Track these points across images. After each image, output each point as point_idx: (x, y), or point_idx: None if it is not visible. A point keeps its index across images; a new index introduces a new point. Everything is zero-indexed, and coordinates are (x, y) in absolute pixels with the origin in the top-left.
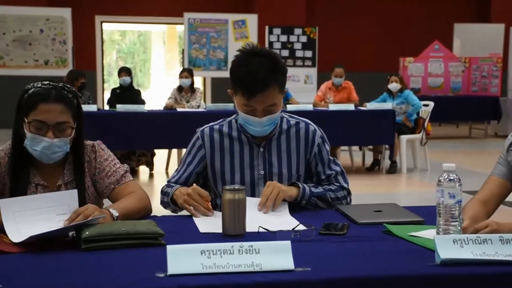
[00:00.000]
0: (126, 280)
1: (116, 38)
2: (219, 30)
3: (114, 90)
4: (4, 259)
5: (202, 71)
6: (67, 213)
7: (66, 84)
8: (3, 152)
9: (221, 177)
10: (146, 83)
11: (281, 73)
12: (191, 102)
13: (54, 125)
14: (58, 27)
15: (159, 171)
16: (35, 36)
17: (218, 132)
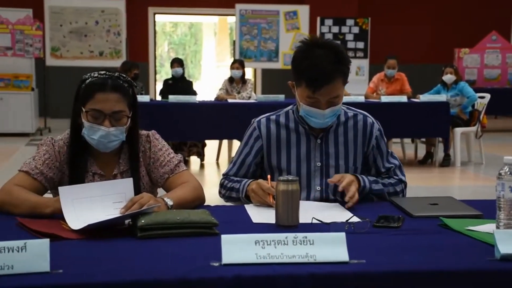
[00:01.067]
0: (181, 268)
1: (168, 29)
2: (270, 21)
3: (167, 81)
4: (64, 245)
5: (253, 62)
6: (123, 201)
7: (121, 74)
8: (62, 142)
9: (277, 168)
10: (197, 74)
11: (345, 65)
12: (242, 93)
13: (110, 114)
14: (113, 18)
15: (210, 162)
16: (91, 28)
17: (275, 122)
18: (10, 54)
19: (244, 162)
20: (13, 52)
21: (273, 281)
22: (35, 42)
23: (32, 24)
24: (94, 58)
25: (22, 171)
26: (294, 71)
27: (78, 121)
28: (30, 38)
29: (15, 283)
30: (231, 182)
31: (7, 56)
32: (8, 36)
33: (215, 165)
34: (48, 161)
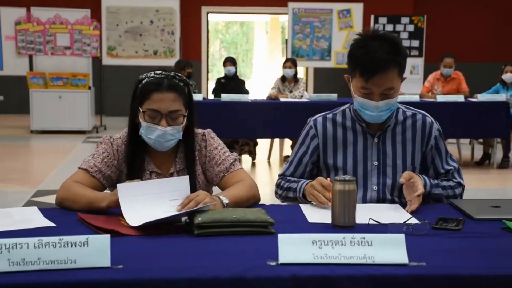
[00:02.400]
0: (238, 266)
1: (220, 28)
2: (323, 20)
3: (219, 80)
4: (123, 241)
5: (305, 61)
6: (180, 198)
7: (177, 73)
8: (120, 140)
9: (333, 166)
10: (248, 73)
11: (401, 56)
12: (294, 92)
13: (167, 114)
14: (167, 18)
15: (261, 160)
16: (145, 27)
17: (331, 121)
18: (69, 53)
19: (301, 162)
20: (72, 52)
21: (331, 282)
22: (92, 42)
23: (89, 24)
24: (148, 57)
25: (82, 169)
26: (349, 62)
27: (135, 120)
28: (88, 38)
29: (78, 277)
30: (288, 182)
31: (66, 55)
32: (67, 36)
33: (267, 164)
34: (106, 160)
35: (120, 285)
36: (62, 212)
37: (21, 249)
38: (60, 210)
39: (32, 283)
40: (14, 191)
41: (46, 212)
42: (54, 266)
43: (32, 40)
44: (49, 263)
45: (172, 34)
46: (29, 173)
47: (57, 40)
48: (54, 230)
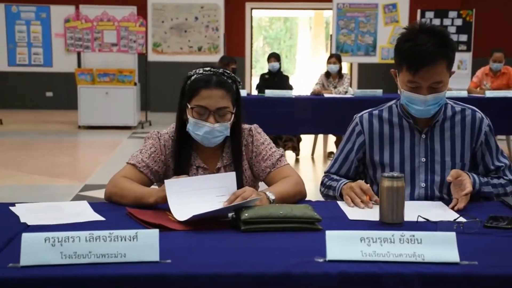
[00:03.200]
0: (285, 262)
1: (263, 24)
2: (368, 15)
3: (263, 76)
4: (171, 236)
5: (349, 56)
6: (226, 194)
7: (226, 69)
8: (167, 135)
9: (380, 163)
10: (292, 69)
11: (450, 49)
12: (339, 88)
13: (215, 111)
14: (212, 14)
15: (305, 156)
16: (190, 24)
17: (378, 117)
18: (115, 50)
19: (347, 159)
20: (118, 48)
21: (379, 280)
22: (138, 38)
23: (136, 21)
24: (193, 53)
25: (130, 164)
26: (396, 55)
27: (183, 116)
28: (134, 35)
29: (128, 270)
30: (330, 180)
31: (113, 52)
32: (114, 33)
33: (310, 160)
34: (154, 155)
35: (169, 280)
36: (111, 207)
37: (73, 242)
38: (109, 205)
39: (83, 276)
40: (63, 186)
41: (96, 207)
42: (105, 259)
43: (80, 37)
44: (99, 257)
45: (217, 30)
46: (77, 168)
47: (104, 37)
48: (104, 224)
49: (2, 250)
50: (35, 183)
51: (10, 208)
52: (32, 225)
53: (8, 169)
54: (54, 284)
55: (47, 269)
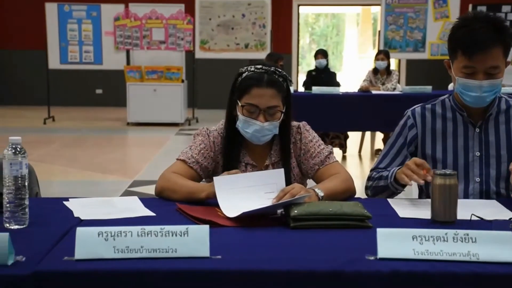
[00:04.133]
0: (336, 260)
1: (310, 21)
2: (417, 10)
3: (310, 72)
4: (221, 232)
5: (398, 53)
6: (275, 191)
7: (277, 68)
8: (217, 132)
9: (432, 158)
10: (338, 66)
11: (507, 35)
12: (387, 85)
13: (265, 109)
14: (259, 11)
15: (352, 154)
16: (237, 21)
17: (431, 111)
18: (163, 47)
19: (400, 153)
20: (166, 46)
21: (432, 278)
22: (186, 36)
23: (183, 18)
24: (240, 51)
25: (180, 160)
26: (450, 44)
27: (233, 112)
28: (182, 32)
29: (178, 266)
30: (379, 173)
31: (161, 49)
32: (162, 30)
33: (357, 157)
34: (203, 151)
35: (219, 275)
36: (161, 202)
37: (125, 237)
38: (159, 200)
39: (135, 270)
40: (112, 181)
41: (146, 202)
42: (156, 254)
43: (129, 35)
44: (151, 252)
45: (264, 27)
46: (126, 164)
47: (153, 35)
48: (154, 219)
49: (57, 244)
50: (86, 179)
51: (64, 202)
52: (85, 220)
53: (60, 164)
54: (107, 277)
55: (100, 263)
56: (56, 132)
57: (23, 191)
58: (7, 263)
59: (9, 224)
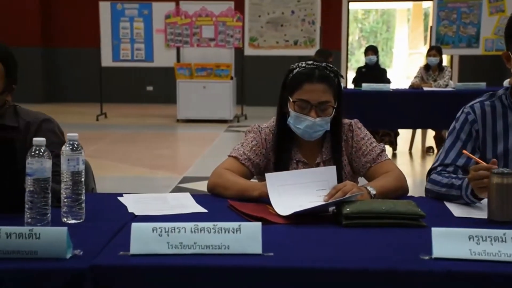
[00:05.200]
0: (389, 258)
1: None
2: (471, 5)
3: (360, 69)
4: (273, 229)
5: (450, 48)
6: (327, 189)
7: (328, 64)
8: (268, 129)
9: (493, 155)
10: (388, 62)
11: None
12: (439, 81)
13: (316, 105)
14: (308, 8)
15: (402, 151)
16: (287, 18)
17: (490, 107)
18: (213, 45)
19: (465, 147)
20: (216, 43)
21: (489, 280)
22: (235, 33)
23: (233, 15)
24: (289, 47)
25: (231, 156)
26: (508, 35)
27: (284, 109)
28: (231, 29)
29: (231, 262)
30: (448, 178)
31: (210, 47)
32: (211, 28)
33: (408, 155)
34: (255, 148)
35: (272, 272)
36: (213, 199)
37: (178, 233)
38: (211, 197)
39: (188, 266)
40: (163, 177)
41: (198, 198)
42: (209, 250)
43: (180, 33)
44: (204, 248)
45: (313, 24)
46: (175, 160)
47: (203, 32)
48: (206, 216)
49: (113, 239)
50: (137, 174)
51: (118, 198)
52: (139, 215)
53: (112, 160)
54: (161, 272)
55: (154, 258)
56: (108, 129)
57: (80, 186)
58: (66, 257)
59: (66, 218)
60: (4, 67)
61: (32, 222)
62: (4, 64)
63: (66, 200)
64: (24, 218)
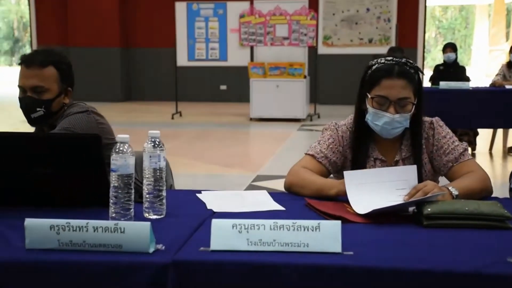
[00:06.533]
0: (474, 261)
1: (436, 14)
2: None
3: (438, 67)
4: (351, 228)
5: None
6: (406, 188)
7: (408, 60)
8: (345, 127)
9: None
10: (466, 60)
11: None
12: None
13: (395, 101)
14: (384, 5)
15: (482, 152)
16: (361, 15)
17: None
18: (287, 43)
19: None
20: (289, 42)
21: None
22: (309, 32)
23: (307, 14)
24: (363, 45)
25: (308, 155)
26: None
27: (362, 106)
28: (305, 28)
29: (310, 260)
30: None
31: (284, 45)
32: (285, 26)
33: (488, 155)
34: (332, 146)
35: (352, 272)
36: (290, 197)
37: (258, 230)
38: (288, 195)
39: (268, 263)
40: (236, 175)
41: (275, 196)
42: (288, 248)
43: (253, 32)
44: (283, 245)
45: (388, 21)
46: (249, 158)
47: (276, 31)
48: (284, 214)
49: (193, 234)
50: (211, 172)
51: (196, 195)
52: (218, 212)
53: (187, 158)
54: (241, 269)
55: (234, 254)
56: (183, 127)
57: (161, 182)
58: (149, 251)
59: (148, 214)
60: (58, 72)
61: (116, 217)
62: (57, 69)
63: (148, 196)
64: (109, 213)
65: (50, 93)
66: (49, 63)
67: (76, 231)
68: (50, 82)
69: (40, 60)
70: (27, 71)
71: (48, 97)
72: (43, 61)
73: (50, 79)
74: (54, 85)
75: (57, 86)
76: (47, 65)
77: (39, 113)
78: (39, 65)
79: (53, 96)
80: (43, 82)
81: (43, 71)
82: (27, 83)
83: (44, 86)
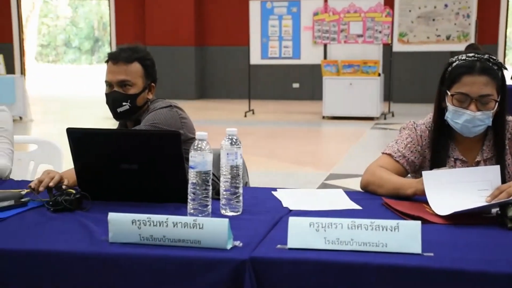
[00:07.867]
0: None
1: None
2: None
3: None
4: (431, 229)
5: None
6: (489, 189)
7: (491, 56)
8: (424, 126)
9: None
10: None
11: None
12: None
13: (477, 98)
14: (463, 1)
15: None
16: (439, 12)
17: None
18: (361, 41)
19: None
20: (363, 39)
21: None
22: (384, 29)
23: (382, 11)
24: (440, 43)
25: (385, 154)
26: None
27: (442, 104)
28: (380, 25)
29: (389, 261)
30: None
31: (358, 43)
32: (360, 24)
33: None
34: (410, 145)
35: (432, 273)
36: (367, 196)
37: (335, 228)
38: (365, 194)
39: (346, 262)
40: (309, 173)
41: (351, 195)
42: (366, 247)
43: (327, 30)
44: (361, 245)
45: (468, 17)
46: (321, 156)
47: (350, 29)
48: (361, 213)
49: (270, 232)
50: (284, 170)
51: (272, 192)
52: (294, 210)
53: (259, 156)
54: (318, 267)
55: (312, 253)
56: (255, 125)
57: (237, 180)
58: (227, 247)
59: (225, 210)
60: (142, 67)
61: (194, 213)
62: (142, 65)
63: (225, 193)
64: (187, 209)
65: (135, 88)
66: (135, 59)
67: (156, 226)
68: (136, 77)
69: (126, 56)
70: (114, 67)
71: (134, 91)
72: (128, 57)
73: (135, 74)
74: (139, 80)
75: (142, 82)
76: (133, 61)
77: (125, 107)
78: (125, 61)
79: (138, 91)
80: (129, 77)
81: (129, 67)
82: (114, 78)
83: (130, 80)
